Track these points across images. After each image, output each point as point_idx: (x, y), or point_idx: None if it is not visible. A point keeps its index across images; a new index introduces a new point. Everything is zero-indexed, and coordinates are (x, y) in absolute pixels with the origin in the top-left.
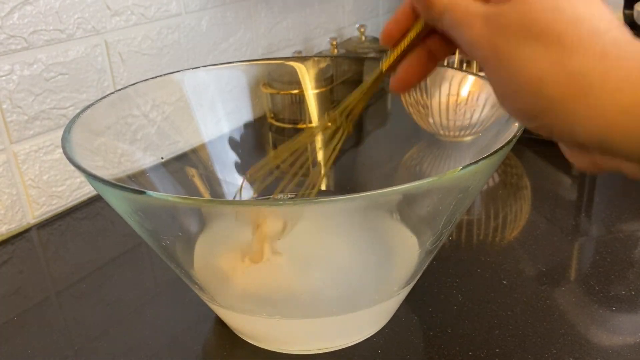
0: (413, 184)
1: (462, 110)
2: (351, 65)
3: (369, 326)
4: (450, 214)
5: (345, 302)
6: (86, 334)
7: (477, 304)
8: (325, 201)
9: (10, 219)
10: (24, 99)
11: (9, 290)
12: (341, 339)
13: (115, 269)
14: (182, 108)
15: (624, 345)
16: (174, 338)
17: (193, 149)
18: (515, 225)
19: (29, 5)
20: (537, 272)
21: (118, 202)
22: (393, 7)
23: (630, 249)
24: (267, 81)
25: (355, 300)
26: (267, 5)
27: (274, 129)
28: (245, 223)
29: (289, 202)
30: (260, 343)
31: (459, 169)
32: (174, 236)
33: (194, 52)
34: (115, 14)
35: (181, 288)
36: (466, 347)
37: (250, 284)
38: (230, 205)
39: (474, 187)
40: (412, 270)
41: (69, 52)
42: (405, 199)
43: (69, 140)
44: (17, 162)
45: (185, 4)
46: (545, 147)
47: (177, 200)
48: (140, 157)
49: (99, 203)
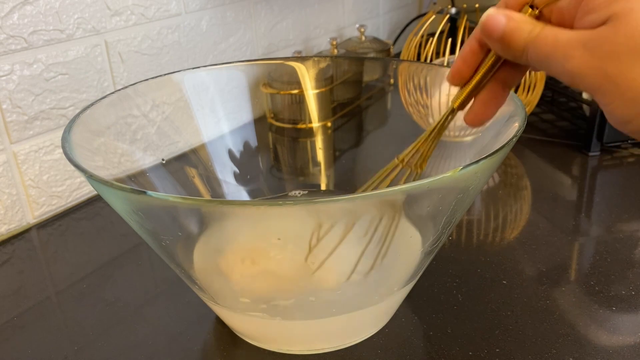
0: (413, 184)
1: (462, 110)
2: (351, 65)
3: (369, 326)
4: (450, 214)
5: (345, 303)
6: (86, 334)
7: (477, 304)
8: (324, 201)
9: (10, 219)
10: (23, 99)
11: (9, 290)
12: (341, 339)
13: (115, 269)
14: (182, 108)
15: (624, 345)
16: (173, 338)
17: (193, 149)
18: (515, 226)
19: (29, 5)
20: (537, 272)
21: (118, 203)
22: (393, 7)
23: (630, 249)
24: (267, 81)
25: (356, 300)
26: (267, 5)
27: (274, 129)
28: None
29: (289, 203)
30: (261, 343)
31: (459, 169)
32: (173, 236)
33: (194, 52)
34: (115, 14)
35: (181, 288)
36: (466, 347)
37: (250, 285)
38: (230, 206)
39: (474, 187)
40: (412, 270)
41: (69, 52)
42: (406, 199)
43: (68, 140)
44: (17, 162)
45: (185, 4)
46: (546, 147)
47: (177, 200)
48: (140, 157)
49: (98, 203)
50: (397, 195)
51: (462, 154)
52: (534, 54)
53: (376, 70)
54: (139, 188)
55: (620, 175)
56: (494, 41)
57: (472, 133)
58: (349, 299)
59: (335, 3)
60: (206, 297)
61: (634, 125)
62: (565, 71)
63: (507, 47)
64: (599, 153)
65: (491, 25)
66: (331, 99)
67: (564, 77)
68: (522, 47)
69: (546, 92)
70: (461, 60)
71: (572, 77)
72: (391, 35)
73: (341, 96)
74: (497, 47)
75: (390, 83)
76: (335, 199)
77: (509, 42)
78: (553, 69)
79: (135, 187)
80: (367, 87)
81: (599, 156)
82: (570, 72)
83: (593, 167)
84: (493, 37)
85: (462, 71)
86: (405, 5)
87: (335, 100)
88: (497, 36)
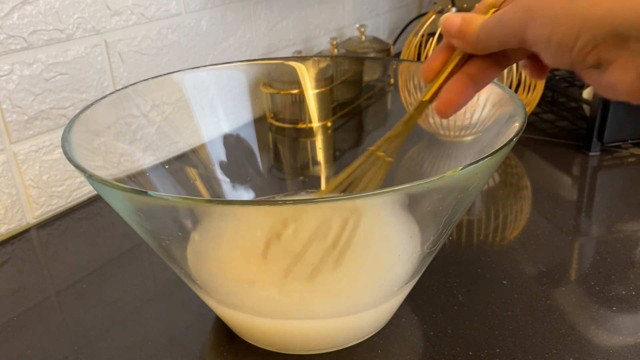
0: (413, 184)
1: (462, 110)
2: (351, 65)
3: (369, 326)
4: (450, 214)
5: (345, 303)
6: (86, 334)
7: (477, 304)
8: (324, 200)
9: (10, 219)
10: (23, 99)
11: (8, 291)
12: (341, 339)
13: (115, 269)
14: (182, 108)
15: (624, 345)
16: (173, 338)
17: (193, 149)
18: (515, 226)
19: (29, 5)
20: (538, 272)
21: (119, 203)
22: (393, 6)
23: (631, 249)
24: (267, 81)
25: (356, 300)
26: (267, 5)
27: (274, 129)
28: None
29: (289, 202)
30: (261, 343)
31: (459, 169)
32: (173, 236)
33: (194, 52)
34: (115, 14)
35: (181, 288)
36: (466, 347)
37: (250, 285)
38: (230, 206)
39: (474, 187)
40: (412, 271)
41: (69, 52)
42: (406, 199)
43: (69, 140)
44: (16, 162)
45: (185, 4)
46: (546, 147)
47: (177, 200)
48: (140, 157)
49: (98, 203)
50: (397, 196)
51: (462, 154)
52: (484, 36)
53: (376, 70)
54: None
55: (621, 175)
56: (452, 37)
57: (472, 133)
58: (350, 299)
59: (335, 3)
60: (206, 297)
61: (557, 36)
62: (509, 32)
63: (464, 39)
64: (599, 153)
65: (448, 25)
66: (331, 99)
67: (512, 39)
68: (475, 35)
69: (546, 92)
70: (432, 57)
71: (513, 32)
72: (391, 35)
73: (341, 96)
74: (457, 42)
75: (391, 83)
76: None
77: (464, 35)
78: (505, 39)
79: (135, 187)
80: (367, 87)
81: (599, 156)
82: (510, 29)
83: (593, 167)
84: (451, 33)
85: (433, 67)
86: (405, 5)
87: (335, 100)
88: (454, 32)
